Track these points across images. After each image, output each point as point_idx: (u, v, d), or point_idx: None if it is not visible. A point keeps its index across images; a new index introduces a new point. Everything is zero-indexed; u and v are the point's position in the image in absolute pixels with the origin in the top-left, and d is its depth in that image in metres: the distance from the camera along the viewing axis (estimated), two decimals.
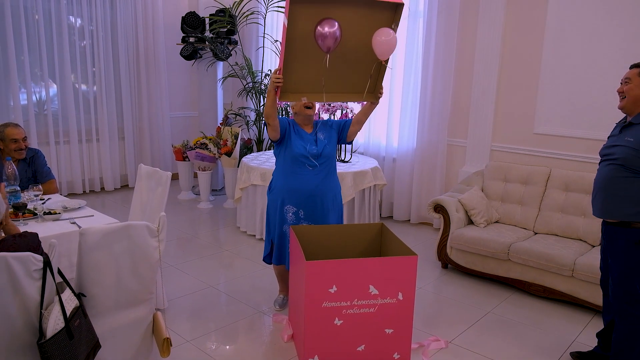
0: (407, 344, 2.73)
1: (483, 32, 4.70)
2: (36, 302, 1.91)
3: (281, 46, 2.69)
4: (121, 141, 6.49)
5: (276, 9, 5.99)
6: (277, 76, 2.71)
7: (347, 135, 3.19)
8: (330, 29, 2.58)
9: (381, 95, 2.99)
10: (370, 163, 4.96)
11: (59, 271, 2.04)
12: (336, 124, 3.21)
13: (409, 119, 5.30)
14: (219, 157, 5.74)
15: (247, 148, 6.05)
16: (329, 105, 4.88)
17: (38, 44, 5.56)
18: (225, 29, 6.07)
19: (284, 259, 3.19)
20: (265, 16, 6.04)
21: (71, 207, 3.13)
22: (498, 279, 3.84)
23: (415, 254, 2.67)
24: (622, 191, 2.42)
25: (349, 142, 3.28)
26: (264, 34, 6.16)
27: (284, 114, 5.88)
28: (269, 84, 2.75)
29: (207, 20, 6.15)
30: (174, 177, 6.05)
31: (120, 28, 6.16)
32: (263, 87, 6.07)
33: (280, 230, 3.16)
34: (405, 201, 5.44)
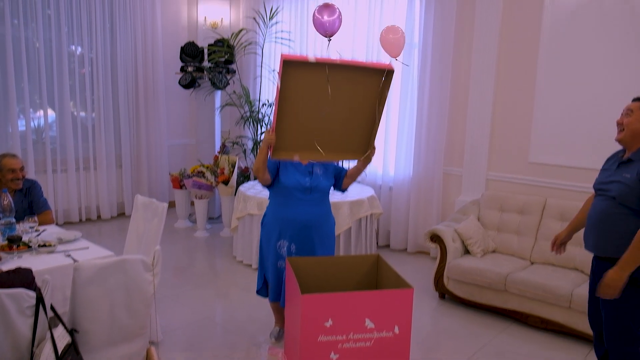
0: None
1: (477, 61, 4.78)
2: (28, 339, 1.89)
3: (274, 106, 2.72)
4: (119, 169, 6.50)
5: (274, 39, 6.09)
6: (270, 135, 2.71)
7: (342, 184, 3.19)
8: (329, 17, 2.48)
9: (373, 154, 2.92)
10: (367, 192, 4.95)
11: (52, 308, 2.03)
12: (333, 168, 3.20)
13: (405, 148, 5.34)
14: (216, 185, 5.75)
15: (244, 176, 6.06)
16: None
17: (38, 71, 5.62)
18: (224, 59, 6.15)
19: (278, 295, 3.17)
20: (262, 46, 6.13)
21: (66, 238, 3.11)
22: (496, 309, 3.81)
23: (411, 286, 2.65)
24: (617, 227, 2.39)
25: (343, 191, 3.25)
26: (261, 63, 6.25)
27: None
28: (262, 142, 2.78)
29: (205, 50, 6.24)
30: (171, 205, 6.05)
31: (119, 57, 6.24)
32: (260, 115, 6.12)
33: (274, 267, 3.14)
34: (402, 230, 5.43)
